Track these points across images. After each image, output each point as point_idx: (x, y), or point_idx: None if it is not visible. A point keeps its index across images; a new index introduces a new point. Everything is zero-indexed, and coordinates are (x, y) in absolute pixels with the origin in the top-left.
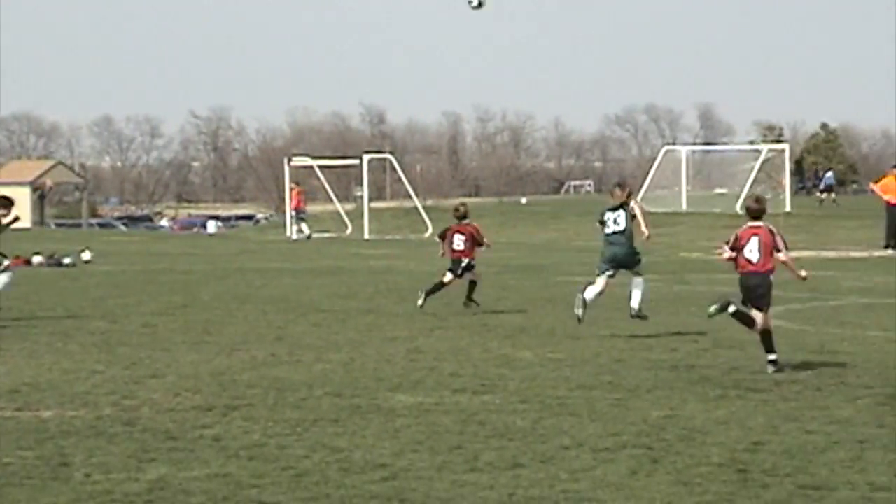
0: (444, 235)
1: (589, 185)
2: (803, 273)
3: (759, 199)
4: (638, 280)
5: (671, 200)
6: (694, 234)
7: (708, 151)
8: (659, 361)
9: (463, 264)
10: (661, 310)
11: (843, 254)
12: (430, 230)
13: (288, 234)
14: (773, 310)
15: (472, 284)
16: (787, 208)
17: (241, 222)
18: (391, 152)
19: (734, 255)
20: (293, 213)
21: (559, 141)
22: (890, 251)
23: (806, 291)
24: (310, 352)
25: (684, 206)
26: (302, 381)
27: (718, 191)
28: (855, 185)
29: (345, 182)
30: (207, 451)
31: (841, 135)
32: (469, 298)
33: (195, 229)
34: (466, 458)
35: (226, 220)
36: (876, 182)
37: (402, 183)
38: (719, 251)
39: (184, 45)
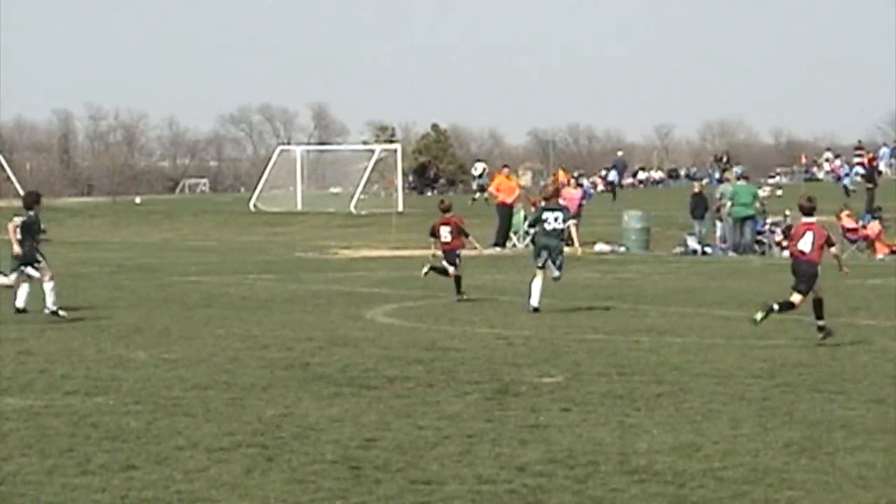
0: (433, 231)
1: (204, 184)
2: (846, 270)
3: (810, 199)
4: (553, 275)
5: (286, 200)
6: (309, 233)
7: (322, 151)
8: (274, 360)
9: (457, 253)
10: (276, 308)
11: None
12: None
13: None
14: (389, 307)
15: (458, 279)
16: (400, 208)
17: None
18: None
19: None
20: None
21: (173, 140)
22: (499, 249)
23: (419, 290)
24: None
25: (299, 206)
26: None
27: (333, 190)
28: (462, 185)
29: None
30: None
31: (451, 135)
32: (459, 292)
33: None
34: (78, 461)
35: None
36: (488, 184)
37: (11, 182)
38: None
39: None
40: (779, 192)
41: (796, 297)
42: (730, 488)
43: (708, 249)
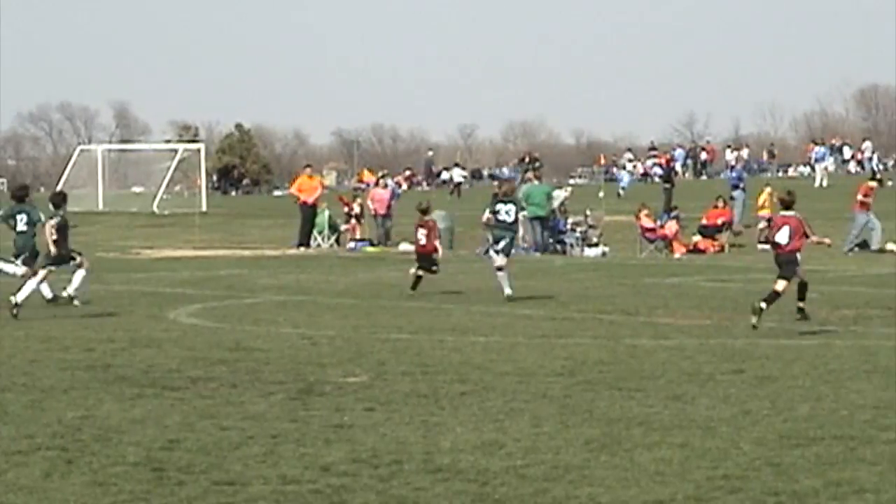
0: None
1: (2, 183)
2: (827, 241)
3: (790, 192)
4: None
5: (87, 199)
6: (111, 233)
7: (124, 150)
8: (75, 361)
9: (434, 258)
10: (77, 309)
11: (257, 252)
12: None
13: None
14: (192, 307)
15: (418, 279)
16: (203, 208)
17: None
18: None
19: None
20: None
21: None
22: (303, 249)
23: (222, 290)
24: None
25: (101, 206)
26: None
27: (135, 190)
28: (267, 185)
29: None
30: None
31: (255, 135)
32: (413, 288)
33: None
34: None
35: None
36: (291, 183)
37: None
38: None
39: None
40: (601, 194)
41: (780, 285)
42: (531, 485)
43: None
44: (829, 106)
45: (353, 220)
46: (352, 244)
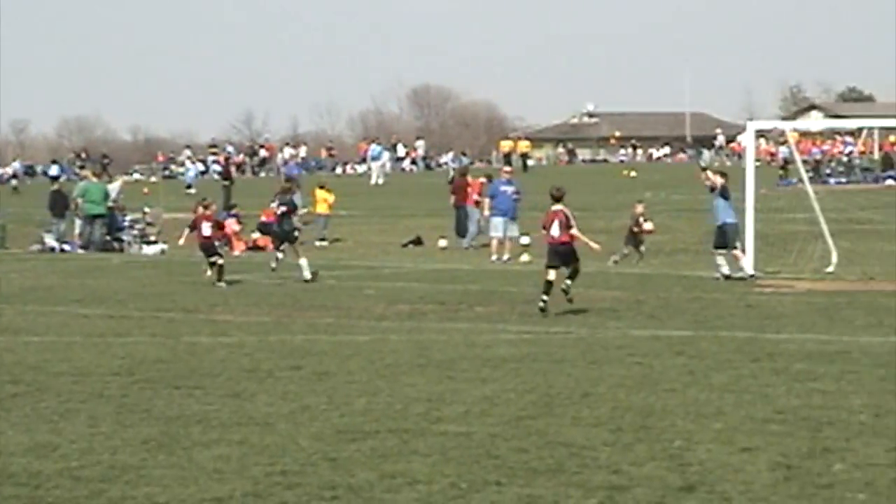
0: (194, 225)
1: None
2: (595, 245)
3: (559, 188)
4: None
5: None
6: None
7: None
8: None
9: (216, 245)
10: None
11: None
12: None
13: None
14: None
15: (221, 267)
16: None
17: None
18: None
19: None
20: None
21: None
22: None
23: None
24: None
25: None
26: None
27: None
28: None
29: None
30: None
31: None
32: (220, 280)
33: None
34: None
35: None
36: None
37: None
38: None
39: None
40: (158, 191)
41: (551, 275)
42: (87, 487)
43: (66, 247)
44: (383, 105)
45: None
46: None
